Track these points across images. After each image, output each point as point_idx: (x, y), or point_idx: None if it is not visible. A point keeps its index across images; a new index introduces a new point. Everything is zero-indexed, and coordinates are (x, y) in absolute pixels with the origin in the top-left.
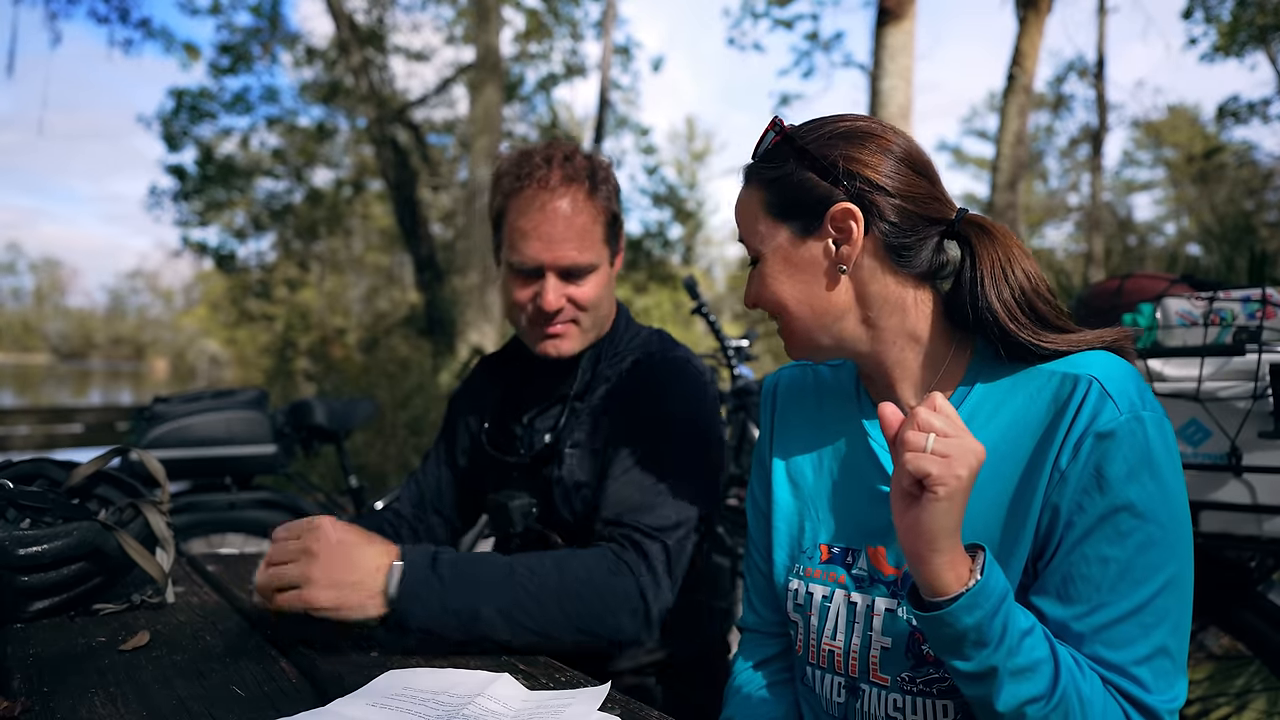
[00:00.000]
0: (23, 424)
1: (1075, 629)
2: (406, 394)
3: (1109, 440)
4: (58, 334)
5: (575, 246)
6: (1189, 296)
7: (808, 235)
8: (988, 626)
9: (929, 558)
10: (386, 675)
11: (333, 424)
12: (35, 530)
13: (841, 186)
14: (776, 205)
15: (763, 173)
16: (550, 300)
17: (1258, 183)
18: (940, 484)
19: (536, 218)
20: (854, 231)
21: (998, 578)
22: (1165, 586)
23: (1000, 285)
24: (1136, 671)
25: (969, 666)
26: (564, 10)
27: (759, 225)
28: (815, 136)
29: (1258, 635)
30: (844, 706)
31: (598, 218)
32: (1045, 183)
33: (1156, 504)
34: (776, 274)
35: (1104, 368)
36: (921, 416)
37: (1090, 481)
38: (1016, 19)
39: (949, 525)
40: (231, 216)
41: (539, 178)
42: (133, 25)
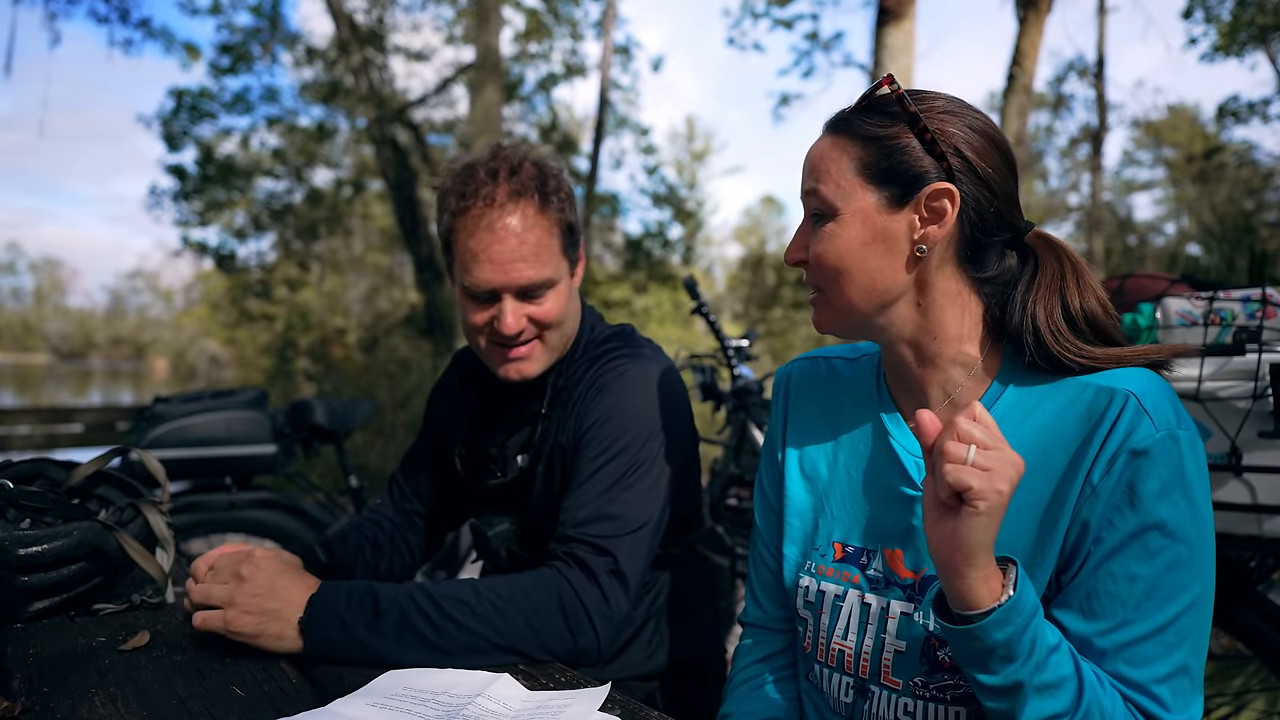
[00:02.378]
0: (23, 424)
1: (1098, 645)
2: (406, 394)
3: (1144, 458)
4: (58, 334)
5: (530, 265)
6: (1189, 296)
7: (898, 206)
8: (1017, 642)
9: (965, 572)
10: (386, 675)
11: (333, 424)
12: (35, 530)
13: (945, 165)
14: (873, 166)
15: (865, 127)
16: (509, 324)
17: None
18: (981, 498)
19: (486, 238)
20: (948, 215)
21: (1029, 593)
22: (1190, 607)
23: (1050, 299)
24: (1157, 690)
25: (994, 681)
26: (564, 10)
27: (844, 181)
28: (929, 106)
29: (1258, 635)
30: (851, 707)
31: (551, 231)
32: (1045, 183)
33: (1187, 524)
34: (851, 236)
35: (1142, 384)
36: (963, 427)
37: (1122, 498)
38: (1016, 19)
39: (986, 540)
40: (231, 216)
41: (485, 195)
42: (133, 25)
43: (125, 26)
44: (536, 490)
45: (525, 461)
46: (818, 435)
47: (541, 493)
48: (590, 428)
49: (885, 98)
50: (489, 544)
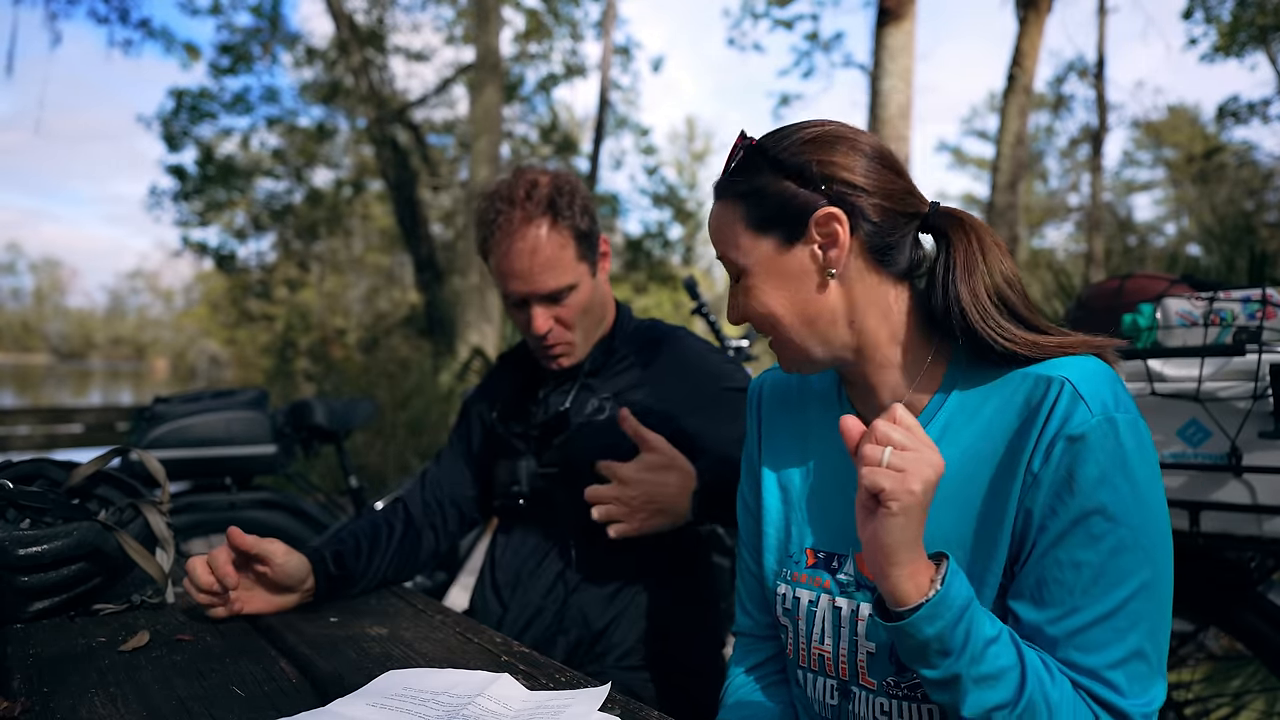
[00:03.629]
0: (23, 424)
1: (1049, 633)
2: (406, 394)
3: (1080, 443)
4: (58, 334)
5: (549, 275)
6: (1189, 296)
7: (793, 243)
8: (949, 636)
9: (888, 570)
10: (386, 675)
11: (333, 424)
12: (35, 530)
13: (820, 191)
14: (756, 218)
15: (737, 187)
16: (539, 325)
17: (1258, 183)
18: (893, 499)
19: (510, 254)
20: (840, 235)
21: (959, 588)
22: (1140, 590)
23: (971, 277)
24: (1110, 675)
25: (934, 674)
26: (564, 10)
27: (740, 240)
28: (785, 145)
29: (1258, 635)
30: (837, 709)
31: (566, 243)
32: (1045, 183)
33: (1129, 507)
34: (763, 286)
35: (1078, 370)
36: (880, 429)
37: (1062, 485)
38: (1016, 19)
39: (905, 539)
40: (231, 217)
41: (503, 222)
42: (133, 26)
43: (125, 27)
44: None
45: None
46: (789, 445)
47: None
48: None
49: (747, 153)
50: (516, 473)
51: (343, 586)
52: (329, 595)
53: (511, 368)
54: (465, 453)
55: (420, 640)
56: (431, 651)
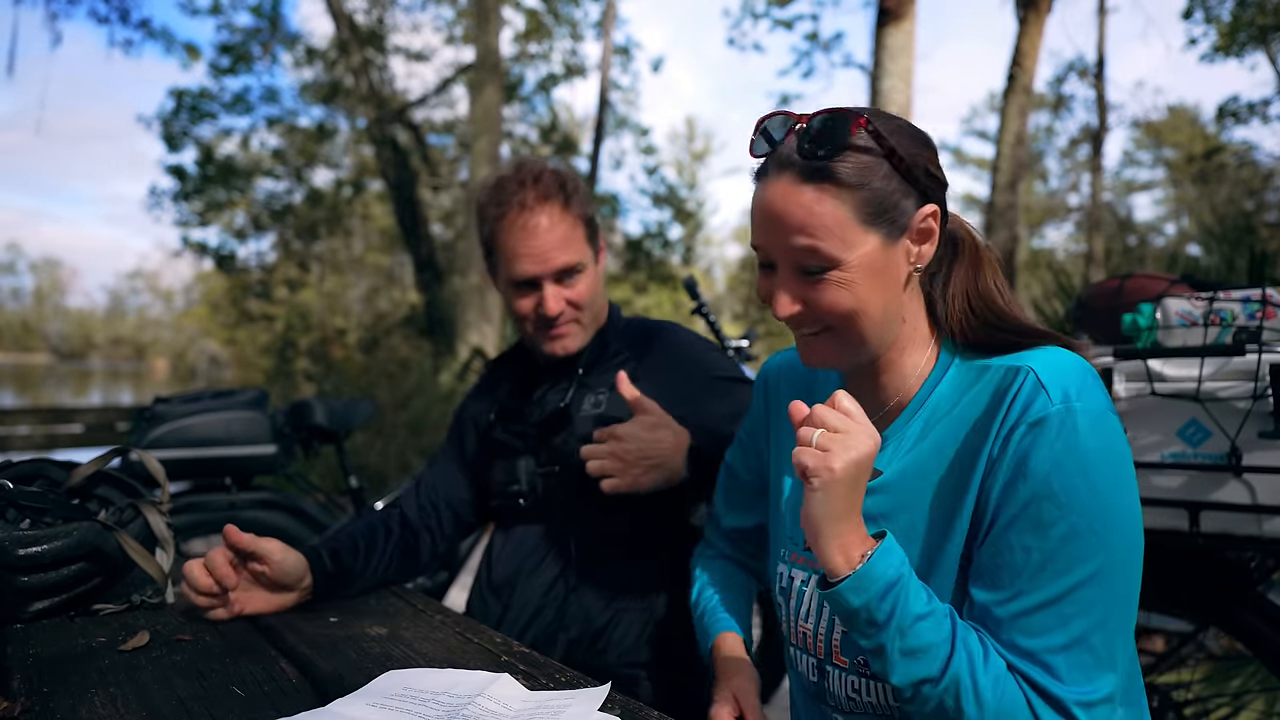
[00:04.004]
0: (23, 424)
1: (995, 614)
2: (406, 394)
3: (1036, 429)
4: (58, 334)
5: (562, 252)
6: (1189, 296)
7: (896, 239)
8: (875, 608)
9: (817, 542)
10: (386, 675)
11: (333, 424)
12: (35, 530)
13: (924, 188)
14: (869, 211)
15: (848, 172)
16: (551, 305)
17: (1258, 183)
18: (814, 475)
19: (522, 235)
20: (934, 231)
21: (886, 564)
22: (1090, 579)
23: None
24: (1049, 659)
25: (865, 643)
26: (564, 10)
27: (846, 233)
28: (897, 137)
29: (1258, 635)
30: (818, 685)
31: (576, 224)
32: (1045, 183)
33: (1082, 495)
34: (861, 282)
35: (1045, 360)
36: (817, 412)
37: (1017, 470)
38: (1016, 19)
39: (829, 513)
40: (231, 217)
41: (517, 201)
42: (133, 26)
43: (125, 27)
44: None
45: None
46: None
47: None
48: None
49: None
50: (515, 472)
51: (340, 584)
52: (327, 594)
53: (505, 371)
54: (459, 457)
55: (420, 640)
56: (431, 651)
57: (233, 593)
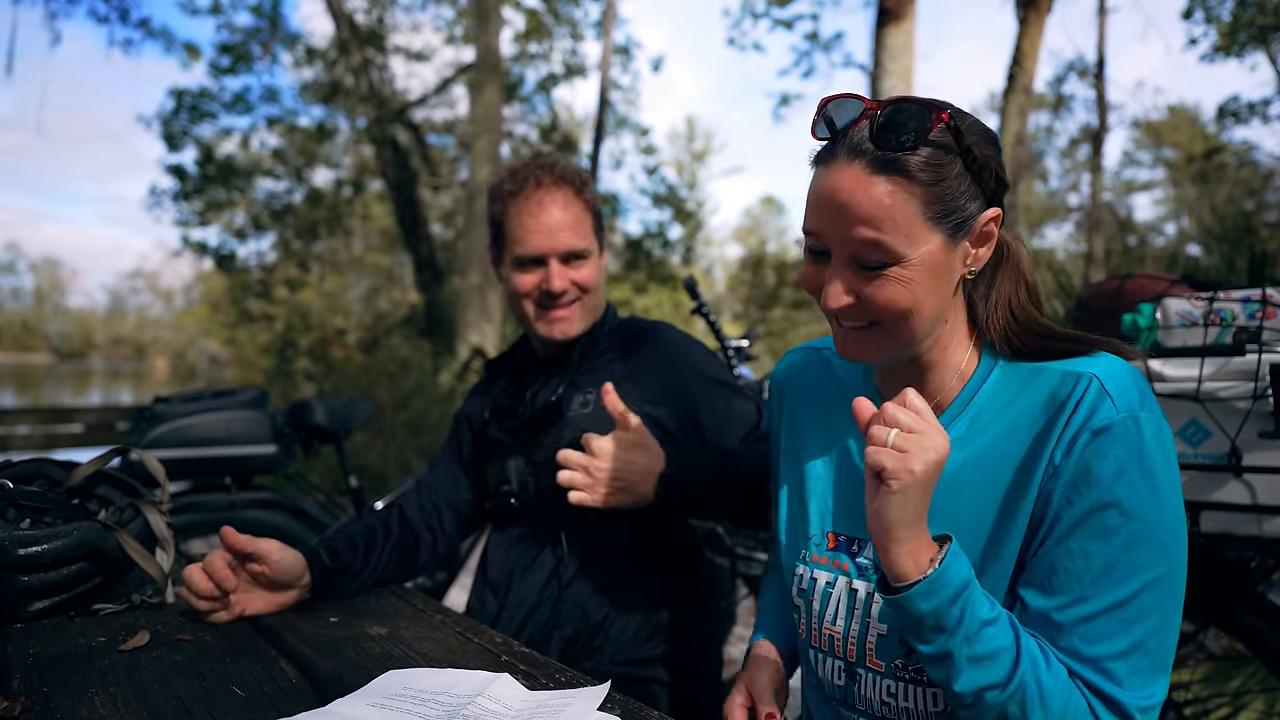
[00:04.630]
0: (23, 424)
1: (1055, 619)
2: (406, 394)
3: (1102, 437)
4: (58, 334)
5: (572, 234)
6: (1189, 296)
7: (958, 239)
8: (945, 613)
9: (888, 546)
10: (386, 675)
11: (333, 424)
12: (35, 530)
13: (991, 190)
14: (936, 208)
15: (920, 167)
16: (556, 283)
17: (1258, 183)
18: (894, 478)
19: (536, 211)
20: (994, 235)
21: (958, 569)
22: (1149, 585)
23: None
24: (1111, 666)
25: (928, 650)
26: (564, 10)
27: (910, 229)
28: (973, 136)
29: (1258, 635)
30: (844, 689)
31: (586, 211)
32: (1045, 183)
33: (1145, 503)
34: (921, 279)
35: (1106, 368)
36: (889, 411)
37: (1080, 476)
38: (1016, 19)
39: (905, 517)
40: (231, 216)
41: (535, 180)
42: (133, 25)
43: (125, 26)
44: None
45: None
46: (814, 429)
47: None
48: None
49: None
50: (505, 473)
51: (339, 582)
52: (326, 592)
53: (501, 370)
54: (458, 457)
55: (420, 640)
56: (431, 651)
57: (232, 594)
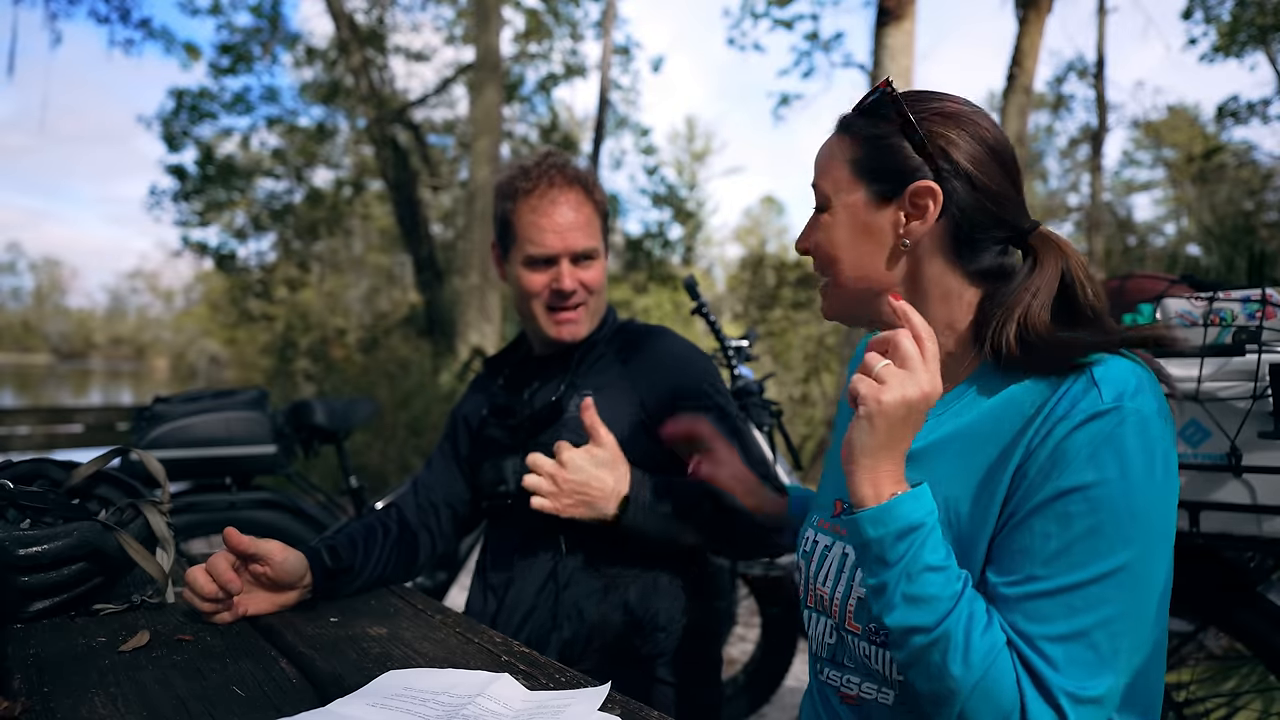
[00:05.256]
0: (23, 424)
1: (1003, 593)
2: (406, 394)
3: (1081, 423)
4: (58, 334)
5: (584, 233)
6: (1189, 296)
7: (884, 202)
8: (890, 546)
9: (851, 470)
10: (386, 675)
11: (333, 424)
12: (35, 530)
13: (930, 164)
14: (864, 164)
15: (861, 128)
16: (567, 282)
17: (1258, 183)
18: (863, 404)
19: (550, 210)
20: (930, 211)
21: (913, 508)
22: (1105, 577)
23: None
24: (1047, 647)
25: (871, 581)
26: (564, 10)
27: (839, 175)
28: (918, 109)
29: (1258, 635)
30: (834, 648)
31: (596, 212)
32: (1045, 183)
33: (1114, 494)
34: (841, 228)
35: (1104, 363)
36: (895, 337)
37: (1053, 460)
38: (1016, 19)
39: (869, 444)
40: (231, 217)
41: (548, 178)
42: (133, 25)
43: (126, 26)
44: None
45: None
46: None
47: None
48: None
49: (883, 100)
50: (501, 472)
51: (340, 582)
52: (327, 591)
53: (499, 368)
54: (454, 456)
55: (420, 640)
56: (431, 651)
57: (236, 596)
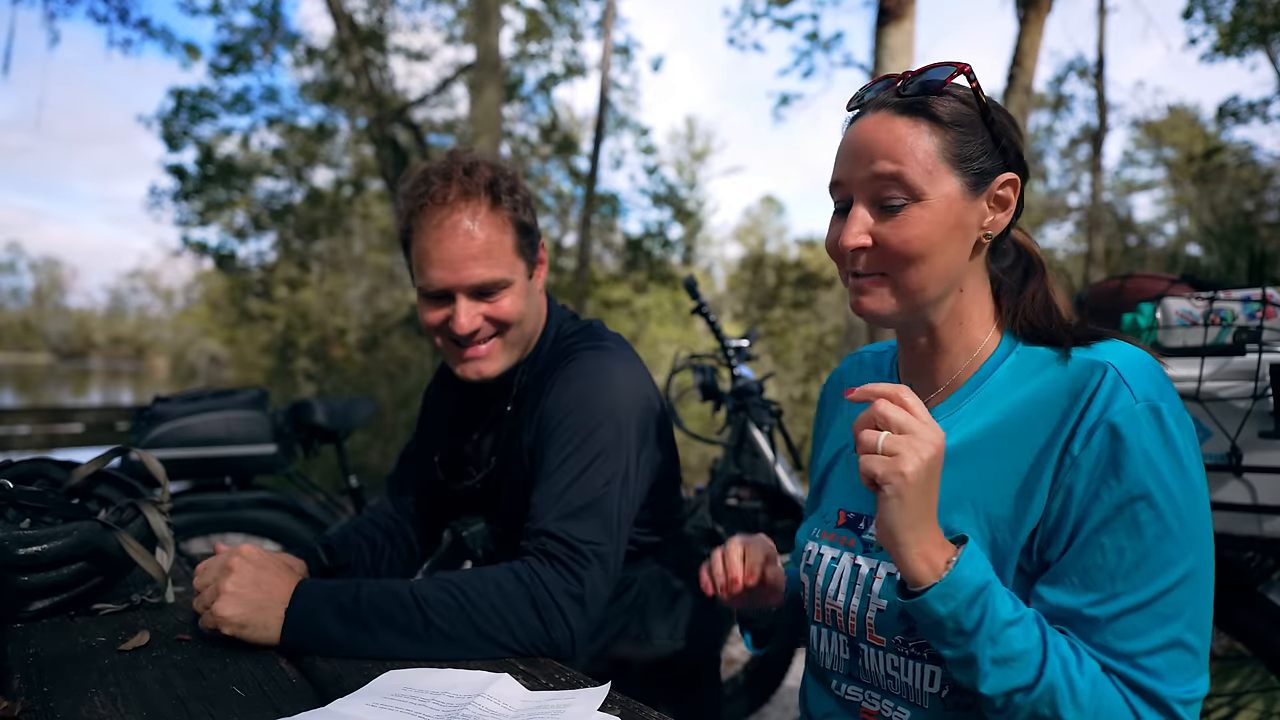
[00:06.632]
0: (23, 424)
1: (1087, 615)
2: (406, 394)
3: (1125, 429)
4: (58, 334)
5: (482, 264)
6: (1189, 296)
7: (976, 194)
8: (964, 615)
9: (898, 551)
10: (386, 675)
11: (333, 424)
12: (35, 530)
13: (1011, 158)
14: (958, 153)
15: (944, 112)
16: (463, 323)
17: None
18: (886, 483)
19: (436, 236)
20: (1011, 203)
21: (974, 569)
22: (1183, 579)
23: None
24: (1147, 662)
25: (952, 654)
26: (564, 10)
27: (931, 165)
28: (993, 102)
29: (1258, 635)
30: (849, 663)
31: (504, 229)
32: (1045, 183)
33: (1175, 495)
34: (938, 221)
35: (1123, 356)
36: (880, 409)
37: (1106, 470)
38: (1016, 19)
39: (905, 520)
40: (231, 216)
41: (435, 195)
42: (132, 25)
43: (125, 26)
44: (506, 491)
45: (495, 463)
46: (838, 418)
47: (510, 493)
48: (554, 421)
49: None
50: (464, 544)
51: (343, 576)
52: None
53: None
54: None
55: None
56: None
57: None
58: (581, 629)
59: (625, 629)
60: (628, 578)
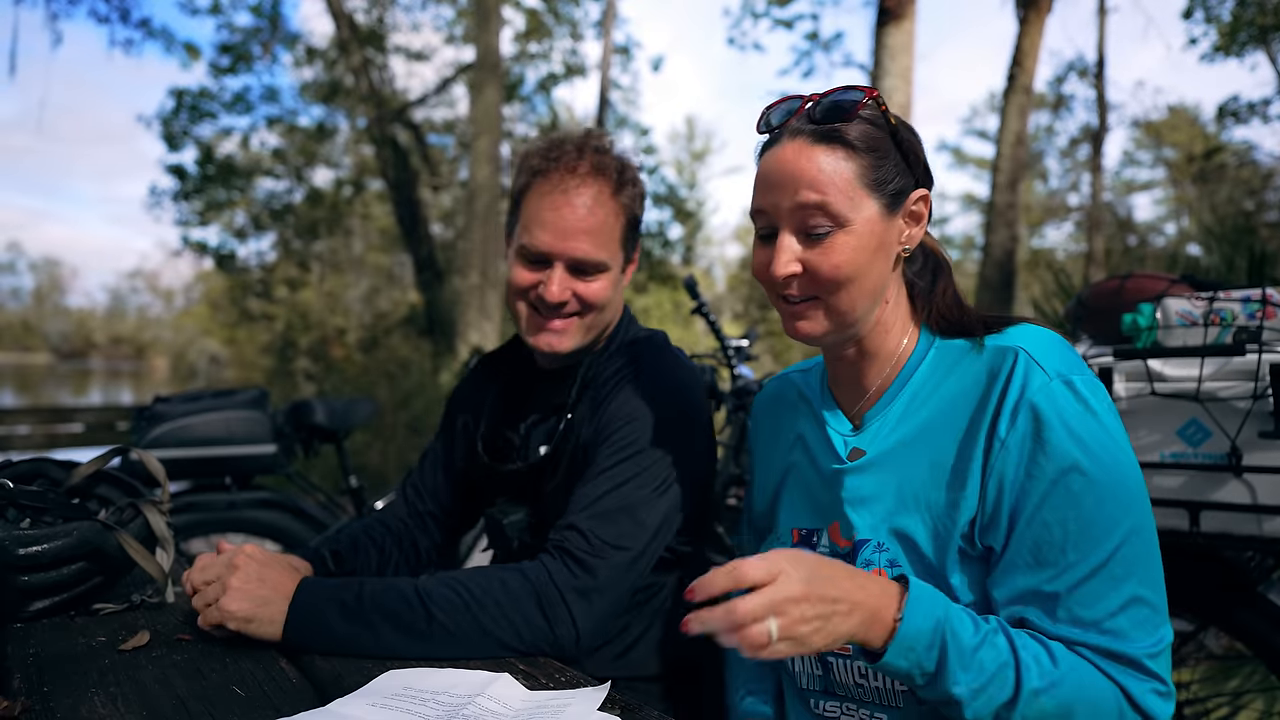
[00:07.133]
0: (23, 424)
1: (1047, 591)
2: (406, 394)
3: (1043, 406)
4: (58, 334)
5: (589, 241)
6: (1189, 296)
7: (893, 213)
8: (927, 660)
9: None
10: (386, 675)
11: (333, 424)
12: (35, 530)
13: (920, 174)
14: (874, 177)
15: (857, 140)
16: (554, 291)
17: (1258, 183)
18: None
19: (556, 201)
20: (924, 217)
21: (923, 613)
22: (1128, 537)
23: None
24: (1111, 624)
25: (930, 696)
26: (564, 10)
27: (850, 192)
28: (901, 121)
29: (1258, 635)
30: (823, 679)
31: (618, 216)
32: (1045, 183)
33: (1103, 460)
34: (858, 245)
35: (1030, 338)
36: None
37: (1035, 449)
38: (1017, 19)
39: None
40: (231, 216)
41: (567, 163)
42: (133, 25)
43: (126, 26)
44: (554, 482)
45: (547, 451)
46: (782, 443)
47: (559, 485)
48: (615, 425)
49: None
50: (503, 532)
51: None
52: None
53: (497, 374)
54: (448, 464)
55: None
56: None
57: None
58: (587, 626)
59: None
60: (656, 583)
